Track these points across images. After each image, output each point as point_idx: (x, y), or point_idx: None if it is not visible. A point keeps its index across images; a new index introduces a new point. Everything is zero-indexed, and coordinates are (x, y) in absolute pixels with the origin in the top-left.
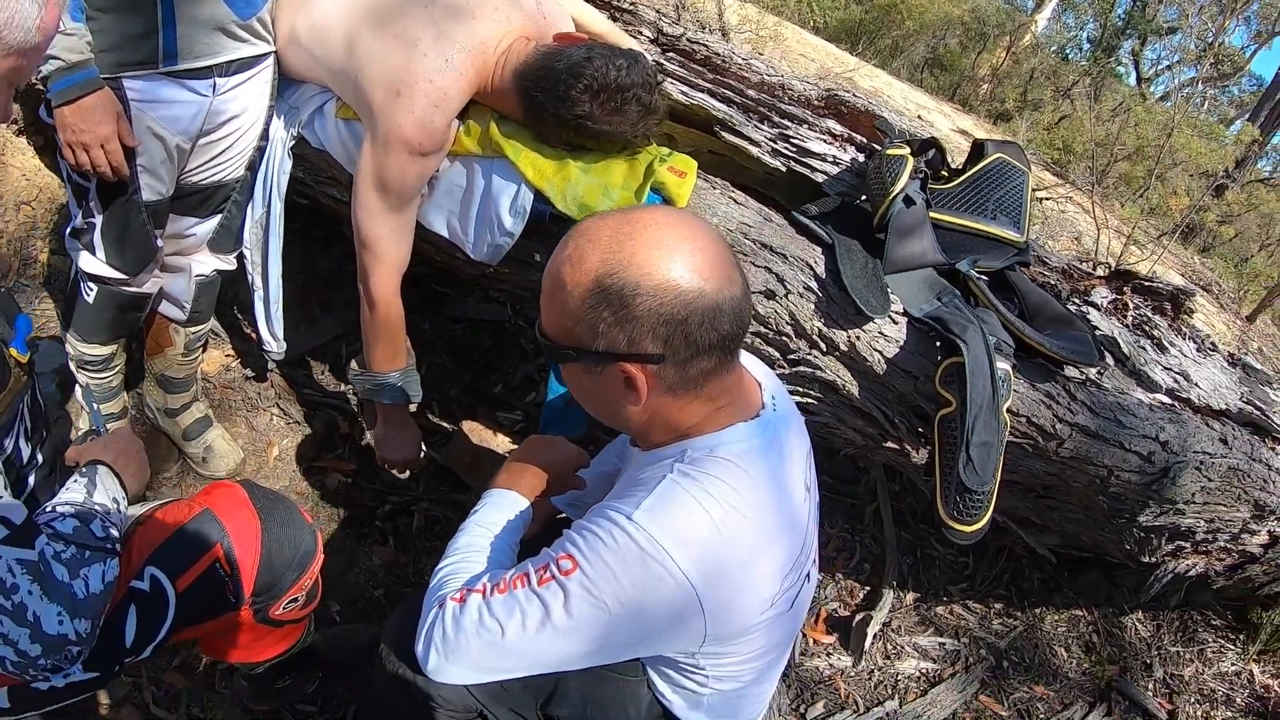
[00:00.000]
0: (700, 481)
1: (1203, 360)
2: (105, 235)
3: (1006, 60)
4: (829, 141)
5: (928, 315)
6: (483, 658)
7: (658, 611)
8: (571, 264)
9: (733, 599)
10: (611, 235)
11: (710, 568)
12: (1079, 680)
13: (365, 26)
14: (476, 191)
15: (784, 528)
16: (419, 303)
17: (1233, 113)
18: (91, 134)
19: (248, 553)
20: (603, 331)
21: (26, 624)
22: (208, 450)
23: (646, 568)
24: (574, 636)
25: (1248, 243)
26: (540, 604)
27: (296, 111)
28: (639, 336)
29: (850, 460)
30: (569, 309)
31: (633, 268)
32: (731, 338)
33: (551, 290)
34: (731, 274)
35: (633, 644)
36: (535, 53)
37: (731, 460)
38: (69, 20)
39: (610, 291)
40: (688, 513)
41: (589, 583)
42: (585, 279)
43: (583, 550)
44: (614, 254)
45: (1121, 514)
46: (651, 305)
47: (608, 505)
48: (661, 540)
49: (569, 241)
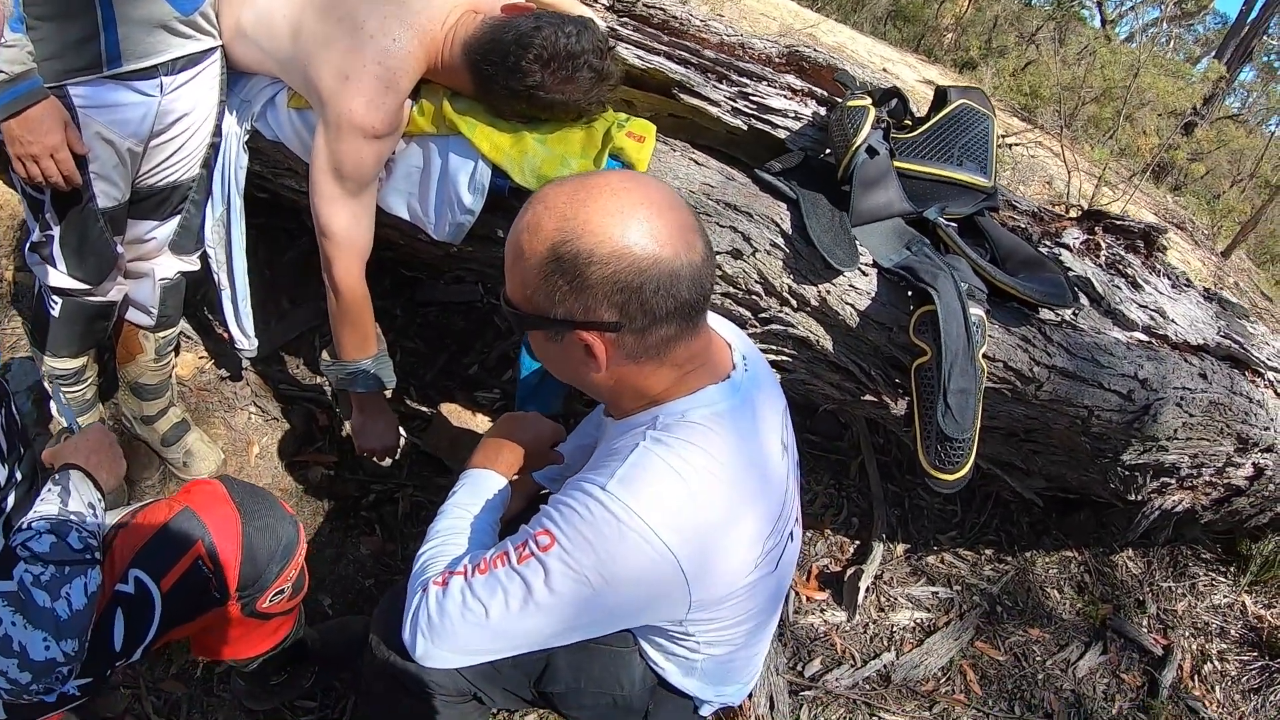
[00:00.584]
0: (673, 447)
1: (1178, 296)
2: (64, 246)
3: (970, 8)
4: (789, 97)
5: (897, 265)
6: (469, 640)
7: (639, 581)
8: (529, 232)
9: (714, 563)
10: (567, 202)
11: (688, 534)
12: (1073, 621)
13: (310, 14)
14: (434, 171)
15: (761, 489)
16: (389, 289)
17: (1199, 51)
18: (40, 145)
19: (229, 547)
20: (559, 300)
21: (13, 654)
22: (188, 454)
23: (624, 538)
24: (557, 612)
25: (1219, 179)
26: (522, 581)
27: (248, 105)
28: (594, 305)
29: (832, 416)
30: (527, 277)
31: (587, 235)
32: (691, 305)
33: (513, 259)
34: (691, 239)
35: (617, 616)
36: (483, 25)
37: (703, 424)
38: (8, 32)
39: (565, 260)
40: (661, 479)
41: (568, 557)
42: (541, 247)
43: (559, 524)
44: (568, 221)
45: (1105, 454)
46: (605, 273)
47: (582, 477)
48: (637, 509)
49: (528, 210)
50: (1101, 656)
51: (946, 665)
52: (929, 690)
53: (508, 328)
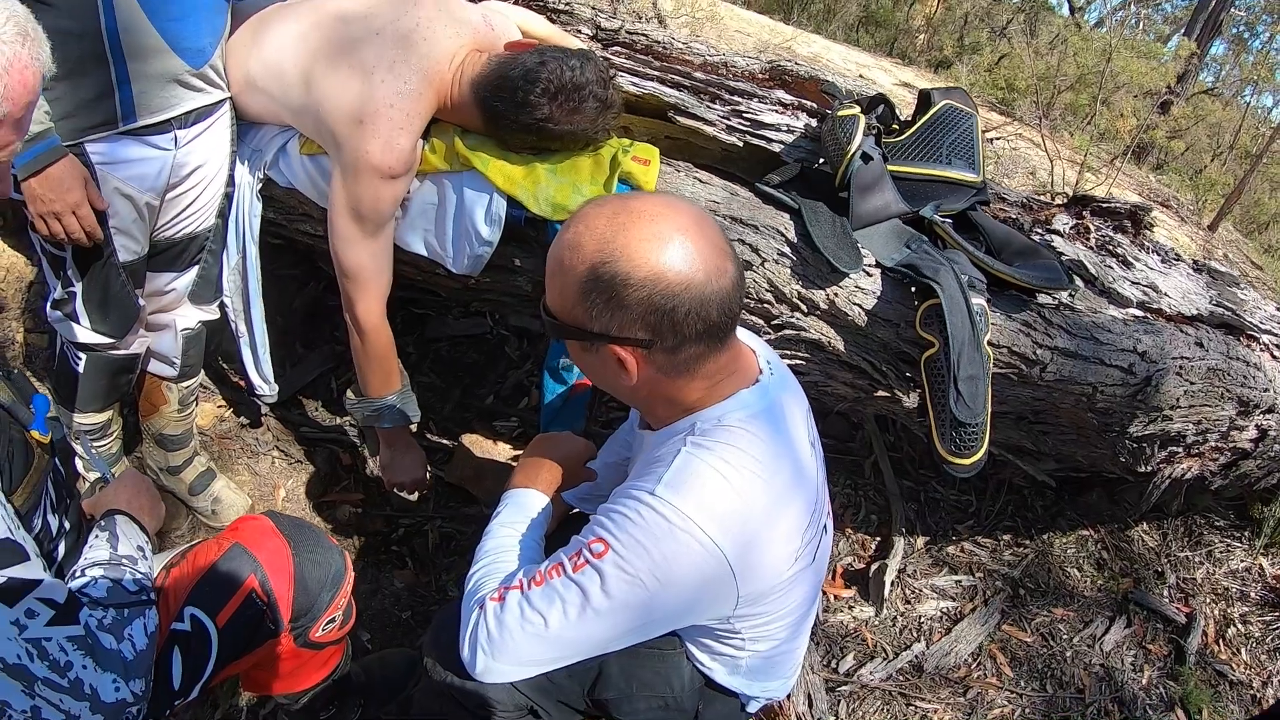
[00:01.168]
0: (714, 450)
1: (1168, 270)
2: (87, 302)
3: (939, 8)
4: (780, 111)
5: (899, 264)
6: (529, 651)
7: (691, 580)
8: (570, 249)
9: (760, 558)
10: (607, 224)
11: (735, 531)
12: (1096, 597)
13: (320, 62)
14: (450, 206)
15: (797, 483)
16: (401, 327)
17: (1168, 29)
18: (61, 202)
19: (281, 579)
20: (595, 315)
21: (85, 697)
22: (215, 502)
23: (675, 539)
24: (615, 616)
25: (1199, 154)
26: (578, 589)
27: (260, 154)
28: (628, 323)
29: (843, 418)
30: (566, 291)
31: (625, 259)
32: (720, 326)
33: (553, 271)
34: (723, 264)
35: (672, 616)
36: (489, 63)
37: (740, 426)
38: None
39: (603, 280)
40: (706, 481)
41: (622, 561)
42: (581, 266)
43: (612, 531)
44: (608, 244)
45: (1112, 428)
46: (640, 296)
47: (630, 485)
48: (686, 510)
49: (570, 226)
50: (1126, 629)
51: (976, 651)
52: (961, 676)
53: (521, 357)
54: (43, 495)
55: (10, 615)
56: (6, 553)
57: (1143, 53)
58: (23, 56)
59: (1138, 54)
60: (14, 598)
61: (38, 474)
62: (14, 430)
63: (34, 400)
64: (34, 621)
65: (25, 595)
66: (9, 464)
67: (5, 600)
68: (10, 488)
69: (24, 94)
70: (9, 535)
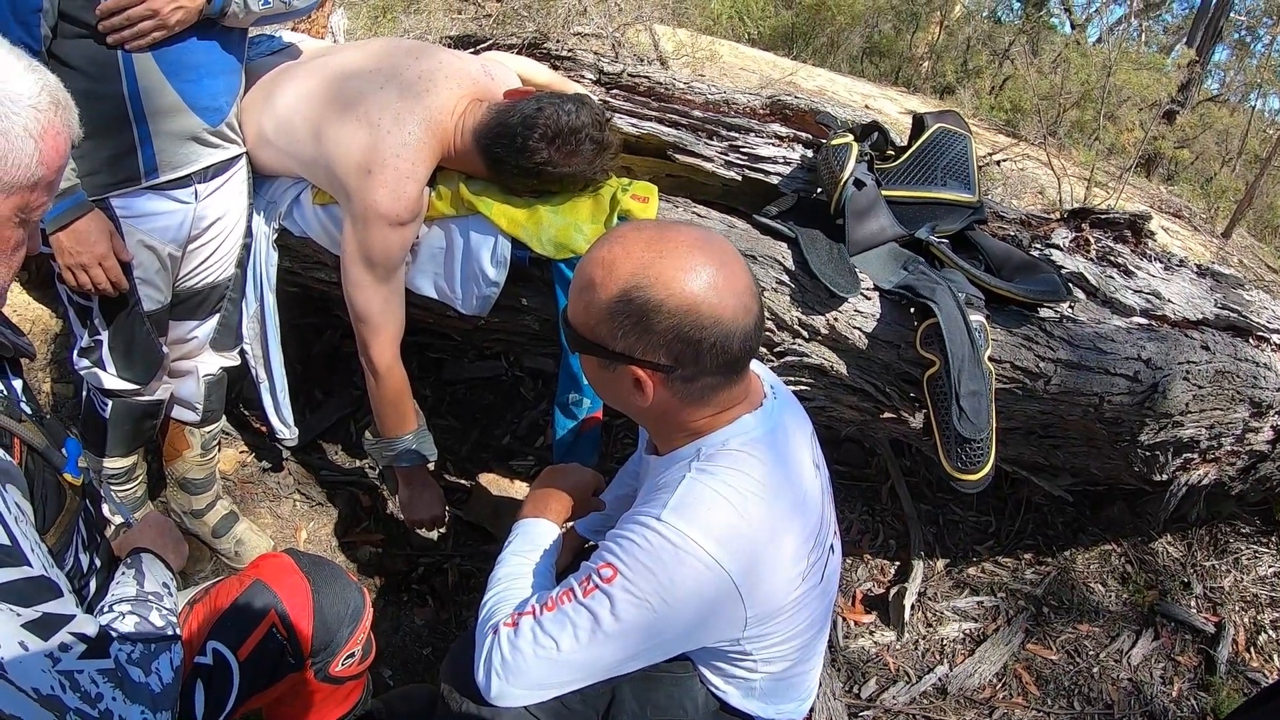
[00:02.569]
0: (717, 474)
1: (1171, 276)
2: (113, 350)
3: (941, 35)
4: (777, 144)
5: (897, 286)
6: (542, 675)
7: (700, 602)
8: (604, 268)
9: (765, 578)
10: (645, 249)
11: (740, 553)
12: (1121, 611)
13: (329, 116)
14: (457, 250)
15: (800, 504)
16: (418, 371)
17: (1169, 40)
18: (89, 254)
19: (301, 614)
20: (620, 336)
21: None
22: (238, 544)
23: (682, 562)
24: (625, 639)
25: (1209, 162)
26: (589, 614)
27: (275, 205)
28: (653, 348)
29: (857, 445)
30: (594, 308)
31: (659, 286)
32: (739, 361)
33: (582, 287)
34: (749, 303)
35: (681, 638)
36: (489, 112)
37: (743, 450)
38: None
39: (635, 303)
40: (710, 505)
41: (630, 585)
42: (614, 286)
43: (620, 556)
44: (646, 269)
45: (1123, 437)
46: (669, 324)
47: (637, 511)
48: (691, 534)
49: (604, 245)
50: (1154, 642)
51: (1001, 671)
52: (986, 697)
53: (536, 398)
54: (74, 534)
55: (45, 649)
56: (42, 589)
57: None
58: (55, 124)
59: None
60: (49, 632)
61: (69, 515)
62: (47, 473)
63: (66, 444)
64: (67, 655)
65: (59, 629)
66: (43, 505)
67: (40, 634)
68: (44, 528)
69: (56, 159)
70: (44, 573)
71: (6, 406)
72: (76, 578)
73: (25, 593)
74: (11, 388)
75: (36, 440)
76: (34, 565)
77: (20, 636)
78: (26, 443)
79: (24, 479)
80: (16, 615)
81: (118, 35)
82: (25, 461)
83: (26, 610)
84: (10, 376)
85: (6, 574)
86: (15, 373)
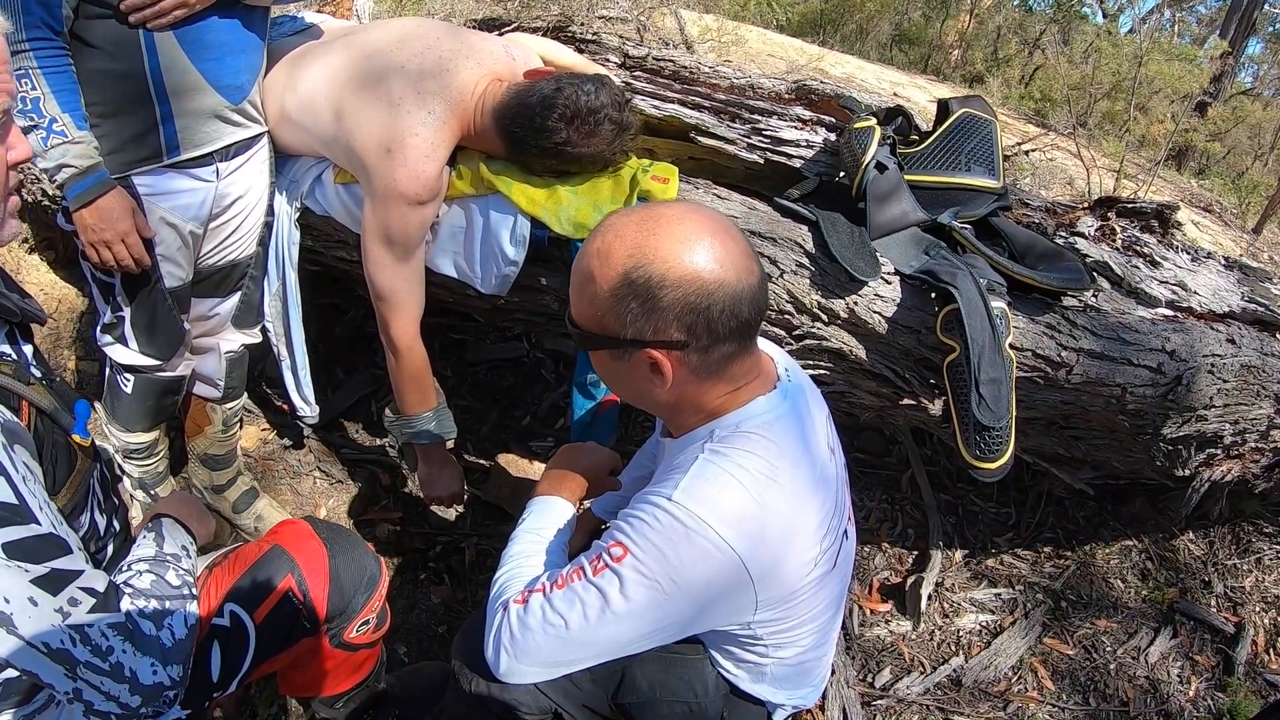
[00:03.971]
0: (730, 456)
1: (1197, 268)
2: (135, 325)
3: (971, 23)
4: (800, 127)
5: (918, 270)
6: (551, 652)
7: (709, 584)
8: (600, 258)
9: (777, 562)
10: (637, 230)
11: (751, 535)
12: (1140, 608)
13: (350, 95)
14: (477, 229)
15: (814, 488)
16: (439, 351)
17: (1202, 32)
18: (111, 231)
19: (318, 580)
20: (630, 321)
21: (125, 680)
22: (258, 520)
23: (692, 543)
24: (634, 619)
25: (1240, 157)
26: (598, 592)
27: (297, 184)
28: (664, 325)
29: (878, 433)
30: (598, 300)
31: (658, 261)
32: (750, 323)
33: (581, 283)
34: (750, 264)
35: (690, 620)
36: (509, 92)
37: (758, 433)
38: (75, 130)
39: (637, 284)
40: (723, 487)
41: (640, 565)
42: (613, 273)
43: (631, 536)
44: (640, 249)
45: (1145, 430)
46: (676, 296)
47: (649, 491)
48: (702, 515)
49: (596, 237)
50: (1172, 640)
51: (1017, 664)
52: (1001, 690)
53: (557, 379)
54: (89, 496)
55: (54, 604)
56: (51, 547)
57: (1176, 56)
58: None
59: (1171, 57)
60: (58, 587)
61: (80, 476)
62: (57, 435)
63: (75, 406)
64: (76, 609)
65: (69, 585)
66: (53, 467)
67: (49, 590)
68: (55, 489)
69: None
70: (52, 531)
71: (15, 370)
72: (92, 539)
73: (34, 550)
74: (21, 352)
75: (44, 403)
76: (42, 523)
77: (29, 592)
78: (35, 405)
79: (33, 441)
80: (25, 571)
81: (139, 15)
82: (34, 424)
83: (35, 567)
84: (20, 342)
85: (15, 532)
86: (25, 338)
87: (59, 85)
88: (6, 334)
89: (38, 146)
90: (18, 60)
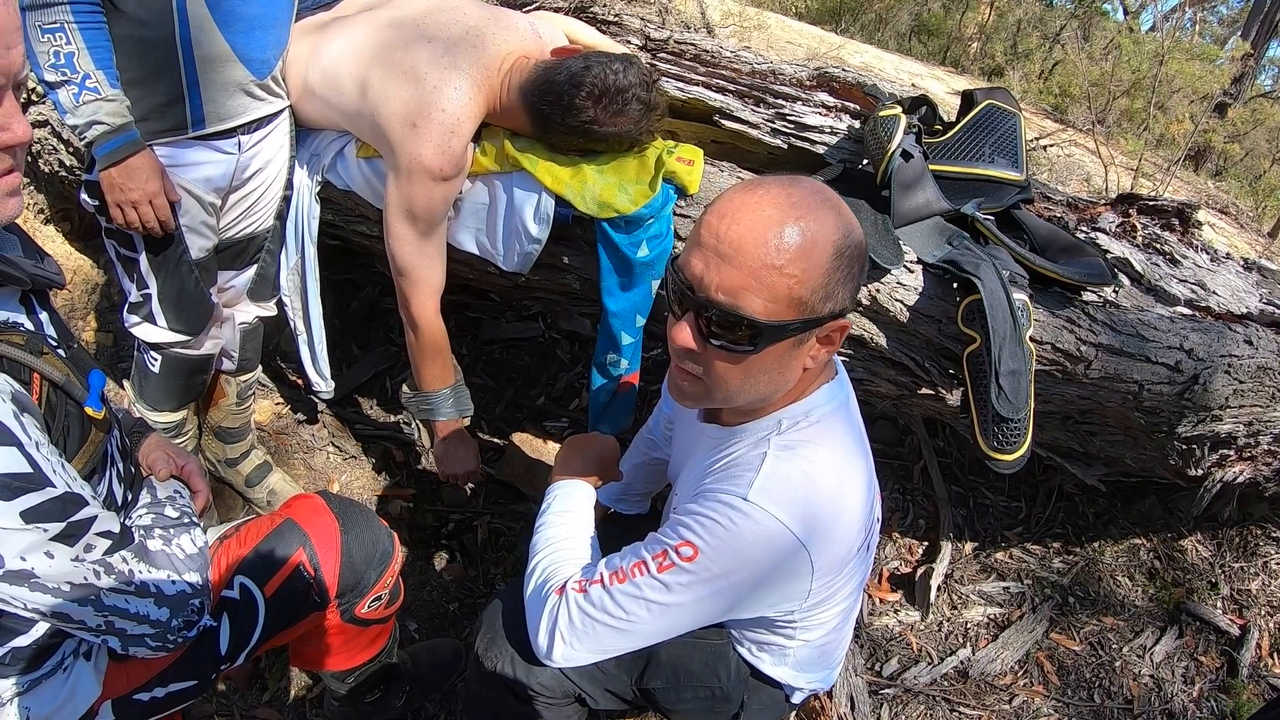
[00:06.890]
0: (802, 452)
1: (1217, 269)
2: (163, 301)
3: (991, 16)
4: (824, 113)
5: (941, 260)
6: (610, 642)
7: (775, 579)
8: (802, 235)
9: (836, 555)
10: (820, 204)
11: (824, 533)
12: (1147, 607)
13: (375, 69)
14: (500, 206)
15: (867, 475)
16: (455, 330)
17: (1224, 32)
18: (140, 190)
19: (329, 554)
20: (832, 294)
21: (150, 595)
22: (271, 494)
23: (770, 546)
24: (695, 611)
25: (1259, 159)
26: (664, 588)
27: (318, 158)
28: (854, 290)
29: (891, 423)
30: (808, 280)
31: (856, 228)
32: None
33: (760, 275)
34: None
35: (748, 610)
36: (536, 69)
37: (824, 423)
38: (109, 88)
39: (847, 253)
40: (797, 486)
41: (713, 565)
42: (823, 251)
43: (703, 536)
44: (842, 218)
45: (1160, 428)
46: (862, 260)
47: (718, 489)
48: (780, 516)
49: (777, 224)
50: (1178, 640)
51: (1023, 658)
52: (1007, 684)
53: (572, 360)
54: (107, 465)
55: (72, 553)
56: (69, 505)
57: (1197, 55)
58: None
59: (1191, 56)
60: (76, 539)
61: (93, 447)
62: (69, 405)
63: (90, 376)
64: (92, 553)
65: (86, 533)
66: (64, 438)
67: (67, 543)
68: (67, 460)
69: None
70: (68, 489)
71: (28, 341)
72: (111, 508)
73: (52, 512)
74: (38, 320)
75: (56, 375)
76: (57, 485)
77: (47, 547)
78: (46, 378)
79: (41, 416)
80: (44, 531)
81: None
82: (46, 396)
83: (54, 525)
84: (38, 310)
85: (32, 499)
86: (43, 305)
87: (94, 41)
88: (21, 300)
89: (68, 103)
90: (53, 13)
